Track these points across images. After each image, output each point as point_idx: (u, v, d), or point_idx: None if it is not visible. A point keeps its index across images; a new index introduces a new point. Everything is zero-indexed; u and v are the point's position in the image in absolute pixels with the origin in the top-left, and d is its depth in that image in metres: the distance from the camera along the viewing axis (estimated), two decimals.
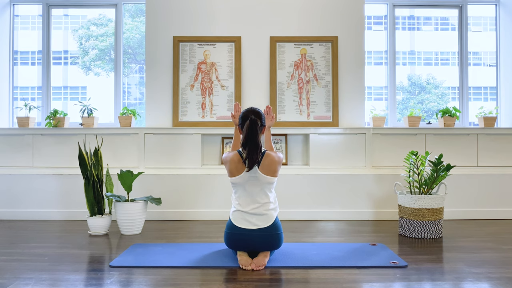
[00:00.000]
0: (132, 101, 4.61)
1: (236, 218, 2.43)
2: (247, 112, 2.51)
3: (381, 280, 2.13)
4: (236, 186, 2.47)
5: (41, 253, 2.64)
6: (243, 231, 2.39)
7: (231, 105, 4.04)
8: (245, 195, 2.44)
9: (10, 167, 3.87)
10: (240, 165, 2.42)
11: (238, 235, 2.39)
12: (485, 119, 4.05)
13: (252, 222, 2.39)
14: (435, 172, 3.08)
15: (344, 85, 4.07)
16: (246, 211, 2.41)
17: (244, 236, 2.38)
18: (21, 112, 4.09)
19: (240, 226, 2.40)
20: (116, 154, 3.89)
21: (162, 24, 4.07)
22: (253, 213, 2.40)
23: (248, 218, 2.40)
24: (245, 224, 2.40)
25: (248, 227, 2.39)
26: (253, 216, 2.40)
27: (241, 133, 2.49)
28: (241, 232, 2.39)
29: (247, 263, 2.31)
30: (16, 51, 4.48)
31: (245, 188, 2.44)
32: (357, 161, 3.88)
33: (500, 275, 2.21)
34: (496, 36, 4.48)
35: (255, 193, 2.43)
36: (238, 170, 2.43)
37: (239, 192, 2.47)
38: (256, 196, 2.43)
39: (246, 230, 2.38)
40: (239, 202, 2.45)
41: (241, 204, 2.44)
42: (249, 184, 2.43)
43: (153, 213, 3.70)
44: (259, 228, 2.38)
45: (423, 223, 3.05)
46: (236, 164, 2.43)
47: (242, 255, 2.39)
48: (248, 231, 2.38)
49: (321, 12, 4.09)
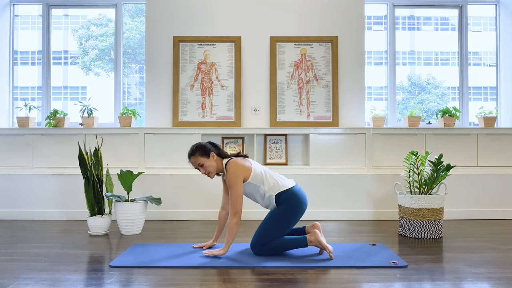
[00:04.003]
0: (132, 101, 4.61)
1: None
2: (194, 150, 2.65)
3: (381, 280, 2.13)
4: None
5: (41, 253, 2.64)
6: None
7: (231, 105, 4.04)
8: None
9: (10, 167, 3.87)
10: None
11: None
12: (485, 119, 4.05)
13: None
14: (435, 172, 3.08)
15: (344, 85, 4.07)
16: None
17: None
18: (21, 112, 4.09)
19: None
20: (116, 154, 3.89)
21: (162, 24, 4.07)
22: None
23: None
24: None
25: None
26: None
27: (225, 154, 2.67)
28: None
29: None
30: (16, 51, 4.48)
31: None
32: (357, 161, 3.88)
33: (500, 275, 2.21)
34: (496, 36, 4.48)
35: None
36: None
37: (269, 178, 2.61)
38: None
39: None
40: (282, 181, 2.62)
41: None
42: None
43: (153, 213, 3.70)
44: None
45: (423, 223, 3.05)
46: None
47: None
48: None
49: (321, 12, 4.09)
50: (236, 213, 2.47)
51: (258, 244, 2.52)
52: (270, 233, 2.51)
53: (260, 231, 2.54)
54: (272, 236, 2.50)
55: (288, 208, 2.54)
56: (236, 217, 2.47)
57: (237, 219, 2.47)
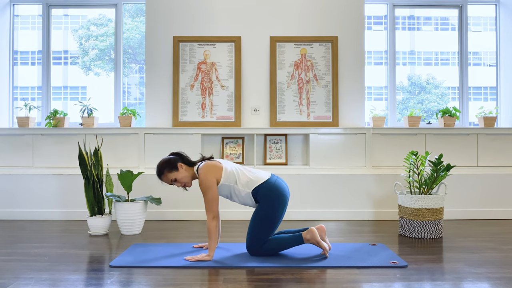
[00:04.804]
0: (132, 101, 4.61)
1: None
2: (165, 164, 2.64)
3: (381, 280, 2.13)
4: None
5: (41, 253, 2.64)
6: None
7: (231, 105, 4.04)
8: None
9: (10, 167, 3.87)
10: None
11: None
12: (485, 119, 4.05)
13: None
14: (435, 172, 3.08)
15: (344, 85, 4.07)
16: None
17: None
18: (21, 112, 4.09)
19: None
20: (116, 154, 3.89)
21: (162, 24, 4.07)
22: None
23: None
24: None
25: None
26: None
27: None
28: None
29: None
30: (16, 51, 4.48)
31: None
32: (357, 161, 3.88)
33: (500, 275, 2.21)
34: (496, 36, 4.48)
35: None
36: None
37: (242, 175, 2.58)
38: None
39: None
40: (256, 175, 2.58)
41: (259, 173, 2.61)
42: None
43: (153, 213, 3.70)
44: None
45: (423, 223, 3.05)
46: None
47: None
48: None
49: (321, 12, 4.09)
50: (214, 217, 2.45)
51: (252, 246, 2.49)
52: (260, 234, 2.48)
53: (249, 234, 2.51)
54: (263, 236, 2.47)
55: (268, 204, 2.48)
56: (215, 220, 2.45)
57: (216, 222, 2.45)
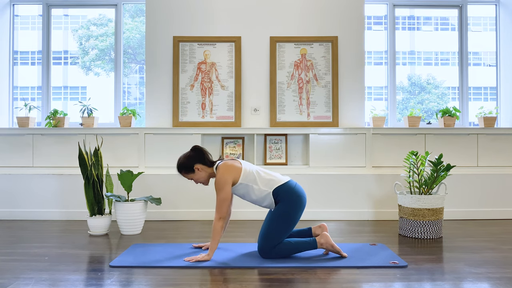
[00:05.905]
0: (132, 101, 4.61)
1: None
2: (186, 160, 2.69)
3: (381, 280, 2.13)
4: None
5: (41, 253, 2.64)
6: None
7: (231, 105, 4.04)
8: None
9: (10, 167, 3.87)
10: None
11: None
12: (485, 119, 4.05)
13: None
14: (435, 172, 3.08)
15: (344, 85, 4.07)
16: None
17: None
18: (21, 112, 4.09)
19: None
20: (116, 154, 3.89)
21: (162, 24, 4.07)
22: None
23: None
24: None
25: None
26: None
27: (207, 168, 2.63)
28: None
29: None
30: (16, 51, 4.48)
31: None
32: (357, 161, 3.88)
33: (500, 275, 2.21)
34: (496, 36, 4.48)
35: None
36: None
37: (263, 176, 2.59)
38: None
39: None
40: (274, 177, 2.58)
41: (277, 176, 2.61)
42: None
43: (153, 213, 3.70)
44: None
45: (423, 223, 3.05)
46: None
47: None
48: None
49: (321, 12, 4.09)
50: (221, 218, 2.44)
51: (266, 247, 2.45)
52: (275, 233, 2.46)
53: (265, 233, 2.48)
54: (278, 236, 2.46)
55: (288, 204, 2.49)
56: (221, 221, 2.44)
57: (222, 223, 2.44)
